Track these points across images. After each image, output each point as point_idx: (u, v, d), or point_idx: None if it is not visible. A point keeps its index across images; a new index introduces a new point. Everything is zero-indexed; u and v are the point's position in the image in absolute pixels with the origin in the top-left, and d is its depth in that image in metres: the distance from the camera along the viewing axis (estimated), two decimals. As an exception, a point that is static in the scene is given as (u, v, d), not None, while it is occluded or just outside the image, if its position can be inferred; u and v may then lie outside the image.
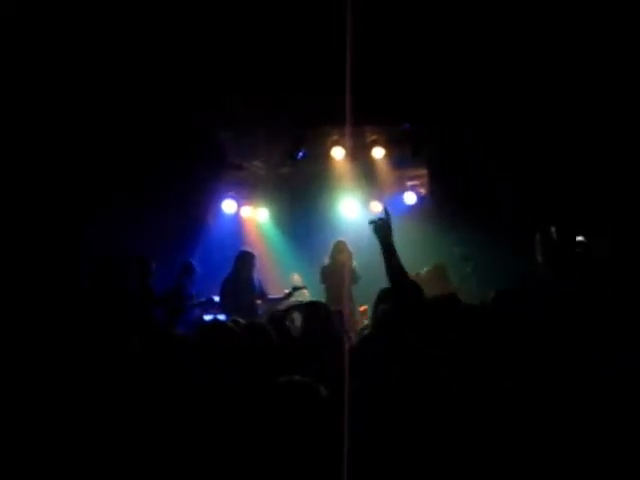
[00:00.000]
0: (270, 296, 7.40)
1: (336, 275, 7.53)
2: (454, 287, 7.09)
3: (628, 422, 2.42)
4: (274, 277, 8.67)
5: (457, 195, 8.21)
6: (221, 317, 6.43)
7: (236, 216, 9.69)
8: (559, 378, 2.60)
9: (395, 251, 3.55)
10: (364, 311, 5.71)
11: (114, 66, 6.86)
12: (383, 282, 4.37)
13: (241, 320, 3.69)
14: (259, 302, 7.29)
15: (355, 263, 7.62)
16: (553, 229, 5.58)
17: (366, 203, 9.59)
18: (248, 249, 7.62)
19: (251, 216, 9.89)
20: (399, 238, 8.60)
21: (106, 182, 7.59)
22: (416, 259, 7.74)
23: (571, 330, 2.89)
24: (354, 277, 7.47)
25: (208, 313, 7.16)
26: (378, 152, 8.65)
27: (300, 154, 8.57)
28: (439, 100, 7.34)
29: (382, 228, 3.54)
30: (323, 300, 7.77)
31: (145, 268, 6.90)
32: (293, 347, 3.74)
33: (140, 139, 7.65)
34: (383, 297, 3.97)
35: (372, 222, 3.55)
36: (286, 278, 8.75)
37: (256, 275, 7.33)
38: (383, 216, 3.53)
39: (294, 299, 7.67)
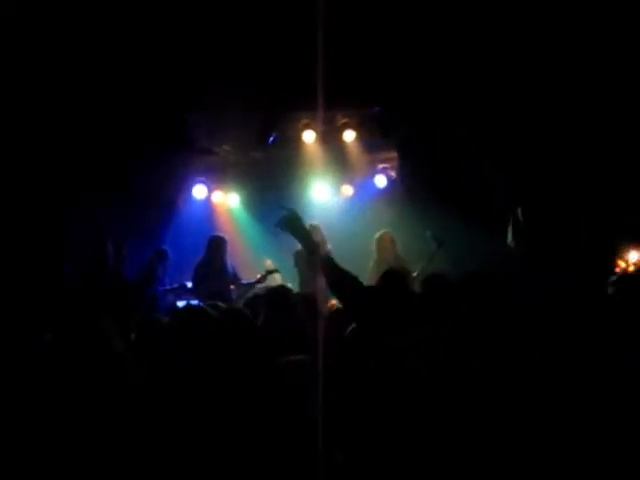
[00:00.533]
0: (243, 281, 7.40)
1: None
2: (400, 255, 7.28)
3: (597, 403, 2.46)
4: (247, 262, 8.65)
5: (427, 177, 8.26)
6: (194, 303, 6.41)
7: (207, 201, 9.64)
8: (523, 356, 2.63)
9: (315, 243, 3.34)
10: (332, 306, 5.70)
11: (84, 53, 6.77)
12: (357, 265, 4.41)
13: (221, 304, 3.69)
14: (232, 287, 7.28)
15: (329, 246, 7.64)
16: (520, 211, 5.62)
17: (338, 186, 9.61)
18: (219, 234, 7.59)
19: (222, 201, 9.83)
20: (371, 221, 8.69)
21: (74, 169, 7.51)
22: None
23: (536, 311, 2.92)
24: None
25: (181, 299, 7.15)
26: (349, 135, 8.64)
27: (271, 138, 8.53)
28: (409, 82, 7.36)
29: (291, 221, 3.27)
30: (296, 284, 7.83)
31: (119, 252, 6.86)
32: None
33: (109, 125, 7.57)
34: None
35: (278, 223, 3.30)
36: (259, 263, 8.74)
37: (229, 260, 7.31)
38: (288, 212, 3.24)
39: (267, 283, 7.69)
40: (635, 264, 4.98)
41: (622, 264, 5.37)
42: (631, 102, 6.67)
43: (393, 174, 9.48)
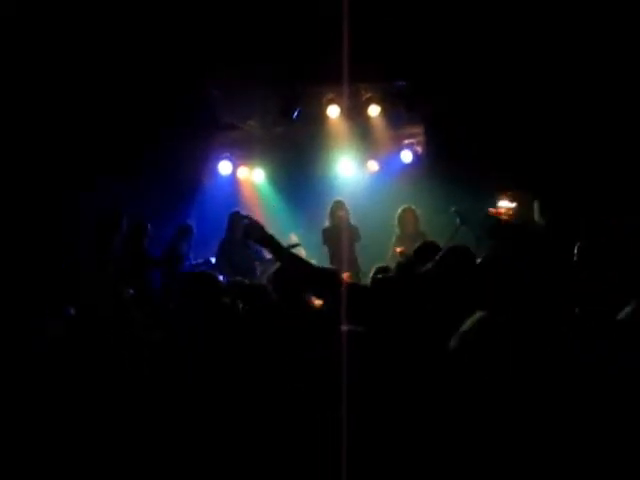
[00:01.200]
0: (267, 256, 7.42)
1: (337, 235, 7.54)
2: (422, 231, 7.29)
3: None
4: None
5: (452, 153, 8.17)
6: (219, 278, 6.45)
7: (232, 177, 9.65)
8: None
9: (281, 246, 3.37)
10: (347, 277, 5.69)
11: (103, 31, 6.78)
12: (381, 240, 4.39)
13: (243, 281, 3.69)
14: (257, 263, 7.31)
15: (354, 222, 7.64)
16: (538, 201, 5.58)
17: (363, 162, 9.56)
18: (238, 209, 7.59)
19: (247, 177, 9.84)
20: (396, 197, 8.64)
21: (100, 146, 7.57)
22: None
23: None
24: (356, 236, 7.49)
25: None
26: (374, 110, 8.57)
27: (295, 113, 8.49)
28: (433, 57, 7.27)
29: (253, 229, 3.31)
30: (321, 260, 7.83)
31: (141, 231, 6.94)
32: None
33: (132, 102, 7.59)
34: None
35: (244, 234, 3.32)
36: (284, 239, 8.75)
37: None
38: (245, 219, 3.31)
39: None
40: (506, 212, 4.83)
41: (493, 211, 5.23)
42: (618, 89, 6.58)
43: (419, 149, 9.41)
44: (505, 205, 3.99)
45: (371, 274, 4.63)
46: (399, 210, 7.48)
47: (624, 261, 3.07)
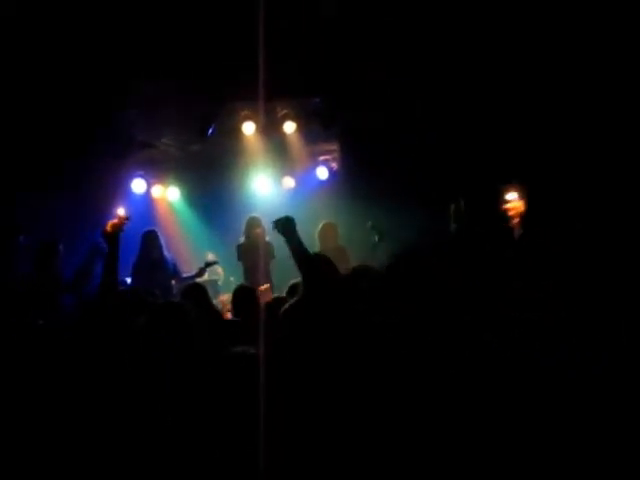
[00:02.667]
0: (184, 275, 7.31)
1: (252, 251, 7.50)
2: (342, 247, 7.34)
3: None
4: (188, 257, 8.55)
5: (367, 168, 8.29)
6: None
7: (146, 196, 9.48)
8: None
9: (304, 247, 3.64)
10: (265, 290, 5.69)
11: (17, 48, 6.57)
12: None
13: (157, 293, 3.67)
14: (173, 282, 7.18)
15: (269, 238, 7.62)
16: (463, 201, 5.71)
17: (278, 179, 9.58)
18: (151, 228, 7.45)
19: (162, 195, 9.69)
20: (313, 213, 8.70)
21: (8, 164, 7.29)
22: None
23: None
24: (270, 252, 7.47)
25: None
26: (289, 127, 8.60)
27: (210, 130, 8.43)
28: (348, 73, 7.37)
29: (286, 226, 3.68)
30: (237, 277, 7.78)
31: (51, 252, 6.70)
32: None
33: (44, 120, 7.36)
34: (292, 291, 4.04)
35: (275, 222, 3.75)
36: (200, 257, 8.65)
37: (169, 255, 7.20)
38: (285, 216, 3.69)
39: (207, 276, 7.61)
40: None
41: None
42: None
43: (334, 166, 9.51)
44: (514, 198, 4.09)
45: (286, 291, 4.68)
46: (320, 225, 7.51)
47: (558, 267, 3.17)
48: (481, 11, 6.61)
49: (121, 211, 4.57)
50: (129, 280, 7.12)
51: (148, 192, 9.47)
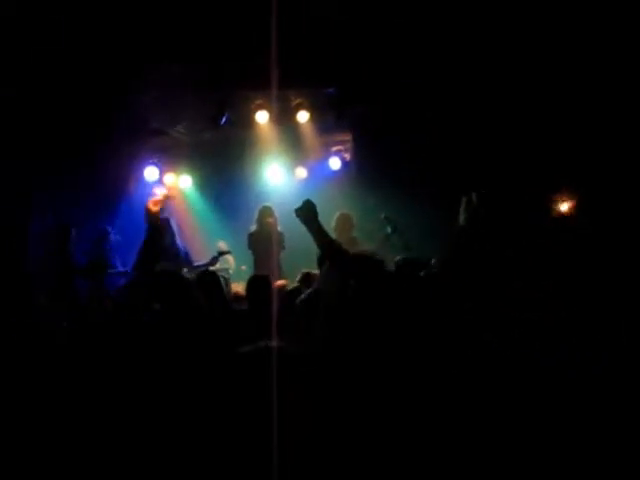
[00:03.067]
0: (196, 263, 7.32)
1: (263, 241, 7.50)
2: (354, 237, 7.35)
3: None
4: (200, 245, 8.56)
5: (380, 160, 8.26)
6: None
7: (159, 183, 9.49)
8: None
9: (325, 232, 3.59)
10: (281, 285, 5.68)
11: (30, 31, 6.58)
12: (309, 246, 4.40)
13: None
14: (185, 270, 7.19)
15: (280, 228, 7.62)
16: (475, 194, 5.69)
17: (291, 168, 9.56)
18: (163, 215, 7.44)
19: (174, 183, 9.70)
20: (325, 203, 8.65)
21: (23, 149, 7.31)
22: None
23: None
24: (281, 242, 7.47)
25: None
26: (303, 116, 8.57)
27: (223, 119, 8.42)
28: (362, 63, 7.34)
29: (308, 210, 3.61)
30: (249, 266, 7.79)
31: (65, 235, 6.73)
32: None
33: (58, 105, 7.38)
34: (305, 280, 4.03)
35: (297, 209, 3.66)
36: (212, 246, 8.67)
37: (181, 243, 7.22)
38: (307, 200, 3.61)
39: (219, 265, 7.62)
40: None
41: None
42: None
43: (347, 156, 9.48)
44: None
45: (297, 279, 4.69)
46: (336, 215, 7.52)
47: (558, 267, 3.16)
48: (500, 6, 6.58)
49: (161, 189, 4.41)
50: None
51: (160, 180, 9.48)
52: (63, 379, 2.94)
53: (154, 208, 3.86)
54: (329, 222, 7.73)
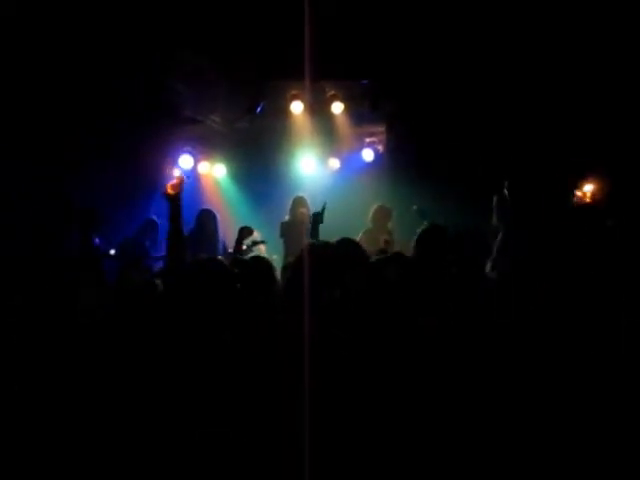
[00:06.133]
0: (230, 251, 7.38)
1: (295, 229, 7.55)
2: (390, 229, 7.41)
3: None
4: (233, 233, 8.62)
5: (413, 152, 8.24)
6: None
7: (193, 172, 9.57)
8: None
9: None
10: None
11: (65, 16, 6.65)
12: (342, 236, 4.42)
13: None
14: (220, 258, 7.26)
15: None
16: (506, 191, 5.67)
17: (324, 159, 9.57)
18: (209, 208, 7.54)
19: (208, 172, 9.78)
20: (357, 195, 8.69)
21: (58, 136, 7.42)
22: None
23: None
24: (313, 231, 7.51)
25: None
26: (337, 107, 8.58)
27: (258, 108, 8.46)
28: (397, 55, 7.31)
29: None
30: (281, 255, 7.84)
31: (90, 220, 6.81)
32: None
33: (94, 92, 7.47)
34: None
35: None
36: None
37: (221, 234, 7.30)
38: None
39: (255, 254, 7.66)
40: (591, 195, 4.96)
41: (579, 195, 5.38)
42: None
43: (380, 148, 9.46)
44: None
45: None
46: (374, 207, 7.57)
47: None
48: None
49: (177, 172, 4.43)
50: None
51: (195, 168, 9.56)
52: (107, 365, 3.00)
53: (172, 191, 3.85)
54: (362, 213, 7.76)
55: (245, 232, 6.64)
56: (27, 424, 2.90)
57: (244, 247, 7.40)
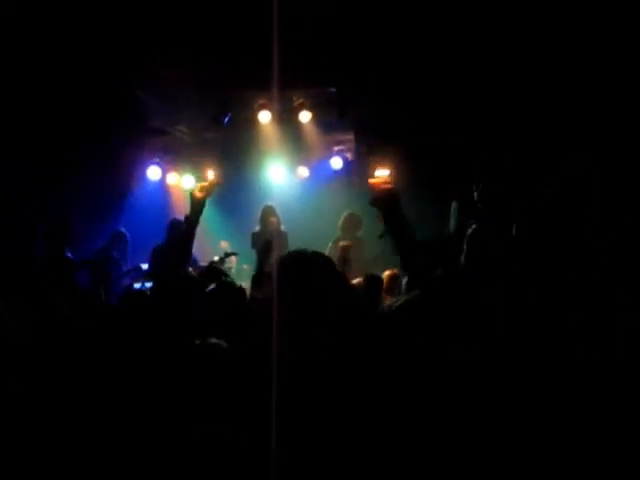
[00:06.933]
0: (201, 264, 7.34)
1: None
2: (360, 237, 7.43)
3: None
4: (202, 244, 8.59)
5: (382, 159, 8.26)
6: (149, 285, 6.35)
7: (161, 183, 9.53)
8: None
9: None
10: None
11: (31, 26, 6.59)
12: (311, 246, 4.42)
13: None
14: (191, 269, 7.21)
15: (283, 227, 7.65)
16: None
17: (293, 168, 9.59)
18: (180, 218, 7.48)
19: (177, 183, 9.74)
20: (326, 203, 8.70)
21: (22, 147, 7.33)
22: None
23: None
24: (285, 241, 7.51)
25: (136, 281, 7.06)
26: (305, 116, 8.61)
27: (226, 118, 8.45)
28: (364, 62, 7.35)
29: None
30: (252, 265, 7.80)
31: (59, 233, 6.72)
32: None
33: (59, 102, 7.40)
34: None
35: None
36: (214, 245, 8.69)
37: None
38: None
39: (226, 265, 7.65)
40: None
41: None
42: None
43: (349, 156, 9.51)
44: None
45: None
46: (344, 214, 7.59)
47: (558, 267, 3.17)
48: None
49: (211, 174, 3.98)
50: (144, 266, 7.18)
51: (163, 179, 9.51)
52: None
53: (199, 194, 3.51)
54: (331, 221, 7.79)
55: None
56: (27, 424, 2.87)
57: (216, 259, 7.38)
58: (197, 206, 3.48)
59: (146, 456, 2.68)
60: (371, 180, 2.89)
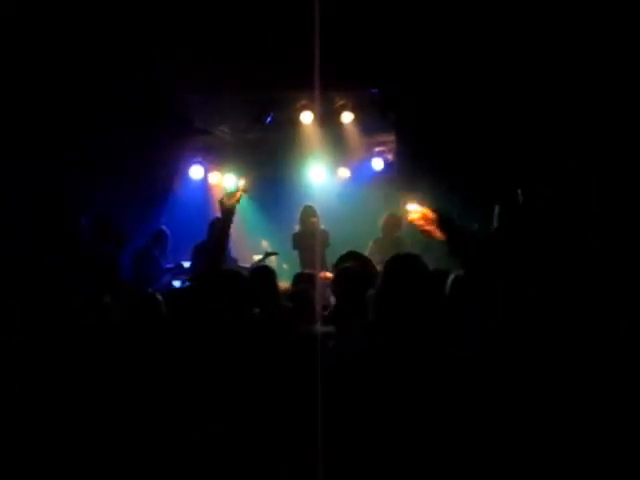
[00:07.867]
0: (240, 264, 7.40)
1: (307, 239, 7.57)
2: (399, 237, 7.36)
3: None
4: (242, 244, 8.66)
5: (423, 161, 8.22)
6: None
7: (204, 182, 9.63)
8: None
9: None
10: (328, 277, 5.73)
11: (75, 24, 6.70)
12: (352, 247, 4.44)
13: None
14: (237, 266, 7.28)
15: (324, 227, 7.67)
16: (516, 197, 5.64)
17: (334, 169, 9.60)
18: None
19: (219, 182, 9.82)
20: (367, 204, 8.68)
21: (69, 149, 7.46)
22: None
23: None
24: (326, 240, 7.52)
25: (177, 279, 7.16)
26: (347, 117, 8.61)
27: (268, 119, 8.50)
28: (407, 64, 7.32)
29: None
30: (291, 265, 7.86)
31: (103, 227, 6.82)
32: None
33: (105, 103, 7.52)
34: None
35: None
36: (255, 245, 8.76)
37: (231, 244, 7.30)
38: None
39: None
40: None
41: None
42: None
43: (390, 157, 9.47)
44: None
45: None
46: (385, 215, 7.57)
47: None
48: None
49: (241, 182, 4.24)
50: (186, 264, 7.26)
51: (205, 178, 9.61)
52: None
53: (229, 202, 3.70)
54: (371, 222, 7.77)
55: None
56: (26, 424, 2.93)
57: (257, 258, 7.44)
58: (226, 212, 3.68)
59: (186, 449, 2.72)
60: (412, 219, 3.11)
